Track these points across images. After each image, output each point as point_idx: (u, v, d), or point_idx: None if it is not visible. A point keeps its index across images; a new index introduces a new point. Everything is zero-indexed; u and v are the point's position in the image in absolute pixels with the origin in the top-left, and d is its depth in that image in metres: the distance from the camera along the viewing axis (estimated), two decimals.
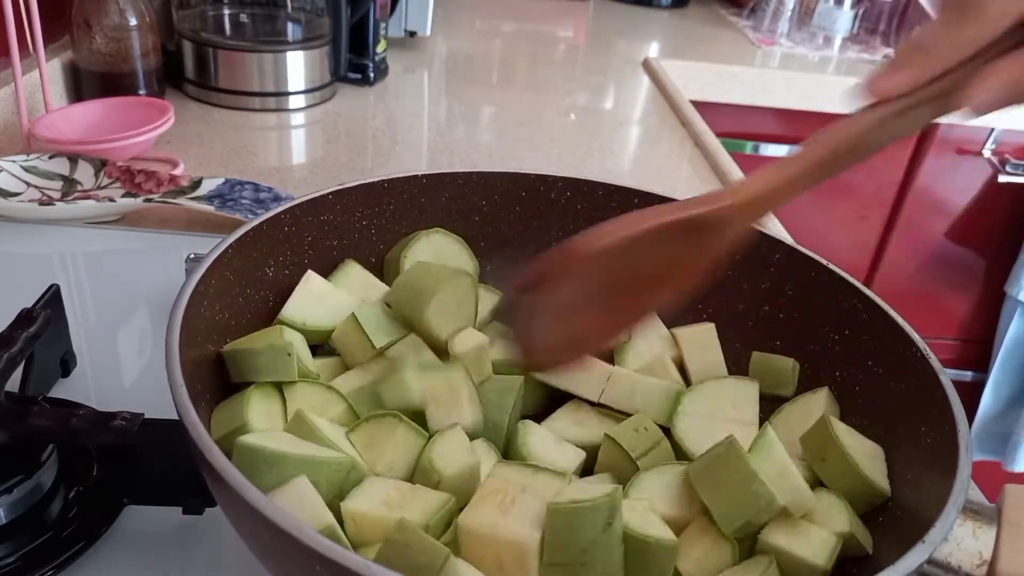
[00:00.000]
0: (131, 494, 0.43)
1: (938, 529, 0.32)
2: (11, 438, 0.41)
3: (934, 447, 0.38)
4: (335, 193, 0.51)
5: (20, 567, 0.40)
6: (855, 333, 0.47)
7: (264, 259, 0.48)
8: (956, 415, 0.37)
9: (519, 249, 0.58)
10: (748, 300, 0.53)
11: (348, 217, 0.53)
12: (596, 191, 0.57)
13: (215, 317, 0.43)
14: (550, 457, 0.44)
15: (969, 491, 0.34)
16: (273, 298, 0.49)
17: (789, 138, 1.50)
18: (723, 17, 1.83)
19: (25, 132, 0.82)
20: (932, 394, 0.40)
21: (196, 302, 0.40)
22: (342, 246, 0.53)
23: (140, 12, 0.93)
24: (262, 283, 0.48)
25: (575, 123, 1.15)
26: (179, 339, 0.37)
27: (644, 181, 0.96)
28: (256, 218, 0.47)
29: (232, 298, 0.45)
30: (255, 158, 0.92)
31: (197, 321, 0.40)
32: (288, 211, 0.49)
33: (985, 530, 0.34)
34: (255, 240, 0.47)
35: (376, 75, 1.16)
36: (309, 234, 0.51)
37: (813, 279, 0.50)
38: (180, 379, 0.35)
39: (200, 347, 0.41)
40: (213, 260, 0.43)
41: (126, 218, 0.75)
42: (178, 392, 0.34)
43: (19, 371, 0.47)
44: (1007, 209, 1.60)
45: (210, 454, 0.31)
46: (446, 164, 0.95)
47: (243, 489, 0.29)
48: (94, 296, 0.64)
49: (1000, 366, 1.67)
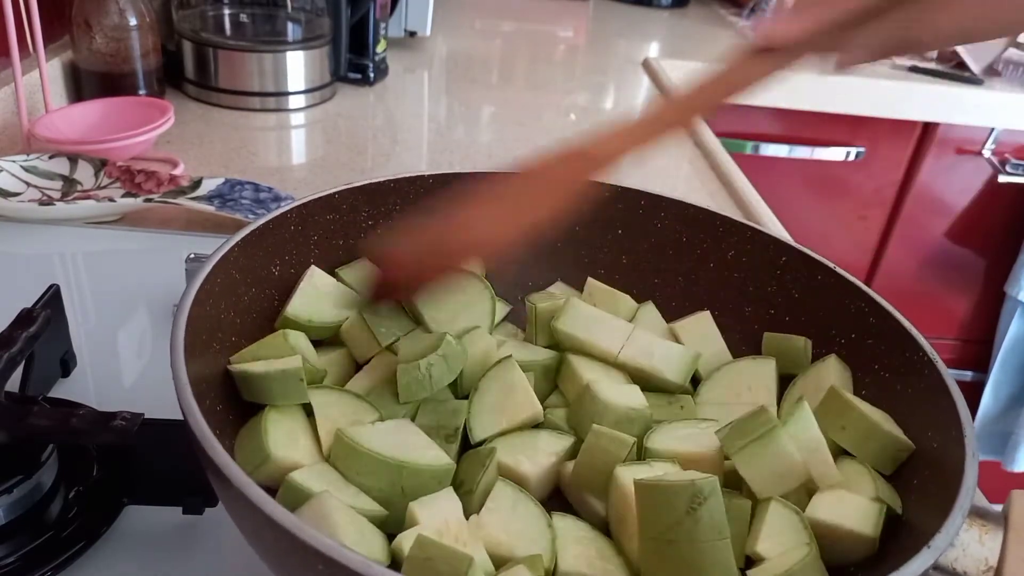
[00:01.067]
0: (131, 494, 0.43)
1: (943, 535, 0.31)
2: (11, 438, 0.41)
3: (940, 451, 0.38)
4: (341, 193, 0.51)
5: (20, 567, 0.40)
6: (861, 337, 0.47)
7: (270, 258, 0.48)
8: (963, 420, 0.37)
9: (521, 250, 0.58)
10: (754, 303, 0.53)
11: (354, 216, 0.53)
12: (603, 192, 0.56)
13: (220, 316, 0.43)
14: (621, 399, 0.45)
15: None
16: (279, 297, 0.49)
17: (789, 138, 1.50)
18: (723, 17, 1.83)
19: (25, 132, 0.82)
20: (939, 399, 0.40)
21: (202, 300, 0.40)
22: (348, 245, 0.53)
23: (140, 12, 0.93)
24: (268, 282, 0.48)
25: (575, 123, 1.15)
26: (184, 337, 0.36)
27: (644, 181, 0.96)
28: (262, 217, 0.47)
29: (238, 297, 0.45)
30: (255, 158, 0.92)
31: (202, 320, 0.40)
32: (294, 210, 0.49)
33: (991, 536, 0.34)
34: (261, 239, 0.47)
35: (376, 75, 1.16)
36: (315, 233, 0.51)
37: (819, 282, 0.49)
38: (185, 378, 0.34)
39: (205, 345, 0.41)
40: (219, 258, 0.43)
41: (126, 218, 0.75)
42: (183, 391, 0.34)
43: (19, 371, 0.47)
44: (1007, 209, 1.60)
45: (213, 452, 0.31)
46: (446, 164, 0.95)
47: (245, 487, 0.29)
48: (94, 296, 0.64)
49: (1000, 366, 1.67)
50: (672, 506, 0.35)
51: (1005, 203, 1.59)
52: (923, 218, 1.60)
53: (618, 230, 0.57)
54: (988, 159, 1.53)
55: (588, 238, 0.57)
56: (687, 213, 0.55)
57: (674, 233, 0.55)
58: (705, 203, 0.55)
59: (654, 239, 0.56)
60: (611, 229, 0.57)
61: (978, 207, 1.59)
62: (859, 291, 0.47)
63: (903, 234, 1.61)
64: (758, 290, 0.52)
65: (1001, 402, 1.71)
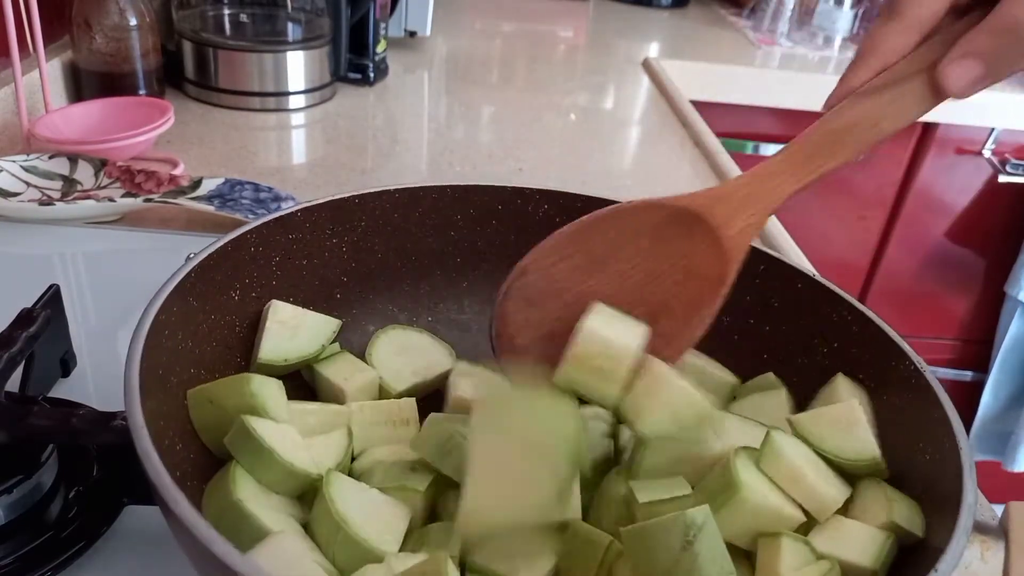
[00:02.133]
0: (131, 494, 0.43)
1: (948, 559, 0.31)
2: (11, 438, 0.41)
3: (934, 465, 0.37)
4: (303, 210, 0.49)
5: (20, 567, 0.39)
6: (845, 346, 0.46)
7: (229, 283, 0.45)
8: (956, 431, 0.36)
9: (496, 265, 0.54)
10: (732, 313, 0.48)
11: (317, 235, 0.50)
12: (575, 203, 0.54)
13: (178, 347, 0.41)
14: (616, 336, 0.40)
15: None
16: (239, 323, 0.46)
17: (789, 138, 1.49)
18: (723, 17, 1.83)
19: (25, 132, 0.82)
20: (930, 411, 0.38)
21: (157, 331, 0.38)
22: (312, 266, 0.50)
23: (140, 12, 0.93)
24: (227, 308, 0.45)
25: (575, 123, 1.15)
26: (139, 374, 0.35)
27: (644, 181, 0.96)
28: (218, 240, 0.44)
29: (196, 326, 0.43)
30: (255, 158, 0.92)
31: (159, 352, 0.38)
32: (254, 231, 0.46)
33: (993, 552, 0.33)
34: (219, 263, 0.44)
35: (376, 75, 1.16)
36: (276, 254, 0.48)
37: (799, 291, 0.48)
38: (140, 420, 0.32)
39: (163, 380, 0.39)
40: (174, 287, 0.40)
41: (126, 218, 0.75)
42: (139, 434, 0.32)
43: (19, 371, 0.47)
44: (1007, 209, 1.60)
45: (167, 493, 0.29)
46: (446, 164, 0.95)
47: (195, 528, 0.28)
48: (94, 296, 0.64)
49: (1000, 366, 1.67)
50: (665, 545, 0.32)
51: (1005, 203, 1.59)
52: (923, 218, 1.60)
53: None
54: (988, 159, 1.53)
55: None
56: None
57: None
58: None
59: None
60: None
61: (978, 207, 1.59)
62: (839, 299, 0.46)
63: (903, 234, 1.61)
64: (736, 300, 0.48)
65: (1001, 402, 1.71)
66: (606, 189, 0.56)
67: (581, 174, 0.95)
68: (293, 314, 0.47)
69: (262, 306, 0.47)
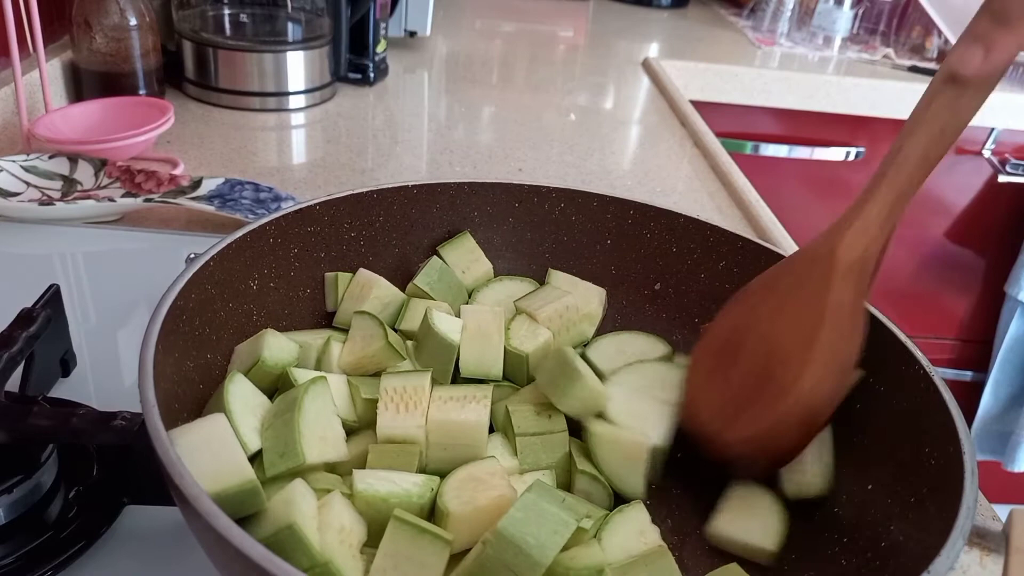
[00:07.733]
0: (131, 494, 0.43)
1: (943, 559, 0.30)
2: (11, 438, 0.41)
3: (938, 469, 0.37)
4: (323, 204, 0.50)
5: (20, 567, 0.39)
6: None
7: (248, 272, 0.46)
8: (961, 437, 0.36)
9: (512, 262, 0.57)
10: None
11: (336, 228, 0.51)
12: (591, 202, 0.55)
13: (195, 332, 0.41)
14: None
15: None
16: (257, 312, 0.47)
17: (789, 138, 1.50)
18: (723, 17, 1.83)
19: (25, 132, 0.82)
20: (936, 414, 0.38)
21: (174, 317, 0.38)
22: (330, 258, 0.51)
23: (140, 12, 0.93)
24: (246, 297, 0.46)
25: (575, 123, 1.15)
26: (154, 355, 0.35)
27: (644, 181, 0.96)
28: (240, 229, 0.45)
29: (214, 313, 0.43)
30: (255, 158, 0.92)
31: (175, 337, 0.38)
32: (273, 222, 0.47)
33: (993, 557, 0.33)
34: (239, 252, 0.45)
35: (376, 75, 1.16)
36: (295, 246, 0.49)
37: None
38: (152, 399, 0.33)
39: (178, 364, 0.39)
40: (193, 273, 0.41)
41: (126, 218, 0.75)
42: (150, 413, 0.32)
43: (19, 371, 0.47)
44: (1007, 209, 1.60)
45: (180, 479, 0.29)
46: (446, 164, 0.95)
47: (212, 518, 0.28)
48: (94, 296, 0.64)
49: (1000, 366, 1.67)
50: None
51: (1005, 203, 1.59)
52: (923, 218, 1.60)
53: (607, 240, 0.56)
54: (988, 159, 1.54)
55: (576, 249, 0.56)
56: (677, 223, 0.54)
57: (664, 244, 0.54)
58: (705, 203, 0.55)
59: (643, 250, 0.55)
60: (600, 239, 0.56)
61: (978, 207, 1.59)
62: None
63: (903, 234, 1.61)
64: None
65: (1001, 402, 1.70)
66: (606, 189, 0.57)
67: (581, 174, 0.95)
68: (285, 344, 0.47)
69: (280, 295, 0.48)
